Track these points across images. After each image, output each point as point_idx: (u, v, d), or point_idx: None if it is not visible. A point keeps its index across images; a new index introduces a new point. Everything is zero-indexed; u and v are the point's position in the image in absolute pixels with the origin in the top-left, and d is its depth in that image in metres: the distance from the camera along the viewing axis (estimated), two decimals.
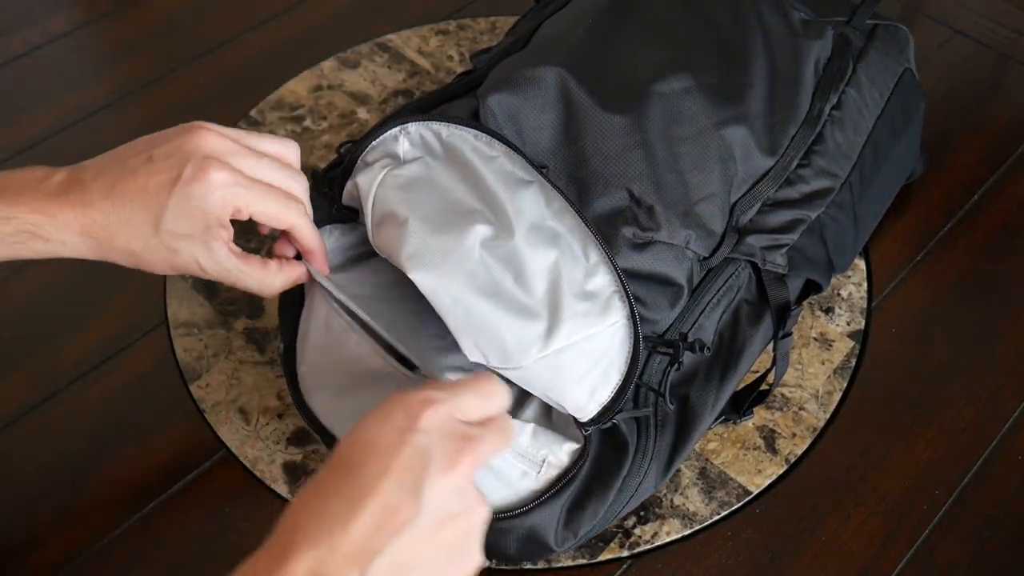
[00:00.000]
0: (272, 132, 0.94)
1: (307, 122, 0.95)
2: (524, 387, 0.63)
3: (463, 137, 0.66)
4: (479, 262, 0.61)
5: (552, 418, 0.66)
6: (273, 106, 0.96)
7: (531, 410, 0.67)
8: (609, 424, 0.64)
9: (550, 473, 0.64)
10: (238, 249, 0.62)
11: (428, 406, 0.50)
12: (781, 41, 0.77)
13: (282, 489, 0.73)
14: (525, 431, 0.63)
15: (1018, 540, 0.72)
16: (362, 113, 0.96)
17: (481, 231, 0.62)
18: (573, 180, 0.68)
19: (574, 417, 0.63)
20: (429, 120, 0.66)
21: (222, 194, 0.59)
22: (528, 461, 0.63)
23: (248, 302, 0.82)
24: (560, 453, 0.64)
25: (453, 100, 0.74)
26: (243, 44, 1.02)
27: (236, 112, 0.96)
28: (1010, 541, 0.72)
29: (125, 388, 0.78)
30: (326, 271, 0.66)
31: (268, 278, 0.64)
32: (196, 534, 0.71)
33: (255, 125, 0.95)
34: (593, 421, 0.63)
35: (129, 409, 0.77)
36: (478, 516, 0.50)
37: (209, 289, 0.83)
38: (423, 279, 0.61)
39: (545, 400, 0.63)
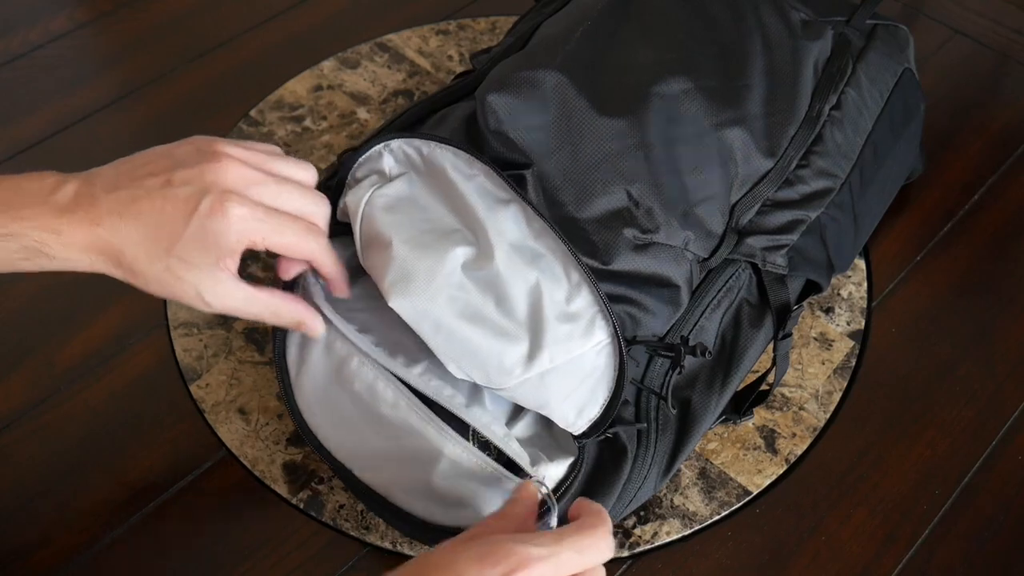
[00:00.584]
0: (272, 132, 0.94)
1: (307, 122, 0.95)
2: (515, 402, 0.63)
3: (443, 155, 0.66)
4: (459, 287, 0.61)
5: (552, 428, 0.66)
6: (273, 106, 0.96)
7: (528, 419, 0.67)
8: (603, 436, 0.64)
9: (548, 486, 0.64)
10: (244, 283, 0.60)
11: (527, 566, 0.50)
12: (780, 42, 0.77)
13: (282, 489, 0.73)
14: (522, 459, 0.63)
15: (1018, 540, 0.72)
16: (362, 113, 0.96)
17: (461, 254, 0.62)
18: (571, 181, 0.67)
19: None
20: (411, 137, 0.67)
21: (239, 228, 0.58)
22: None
23: None
24: (557, 468, 0.64)
25: (453, 103, 0.74)
26: (243, 44, 1.02)
27: (236, 112, 0.96)
28: (1010, 541, 0.72)
29: (125, 388, 0.78)
30: (347, 294, 0.66)
31: (279, 307, 0.62)
32: (196, 534, 0.71)
33: (255, 125, 0.95)
34: (585, 435, 0.63)
35: (129, 409, 0.77)
36: None
37: None
38: (403, 307, 0.61)
39: (536, 413, 0.63)
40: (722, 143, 0.71)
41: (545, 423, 0.66)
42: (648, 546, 0.71)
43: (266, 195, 0.59)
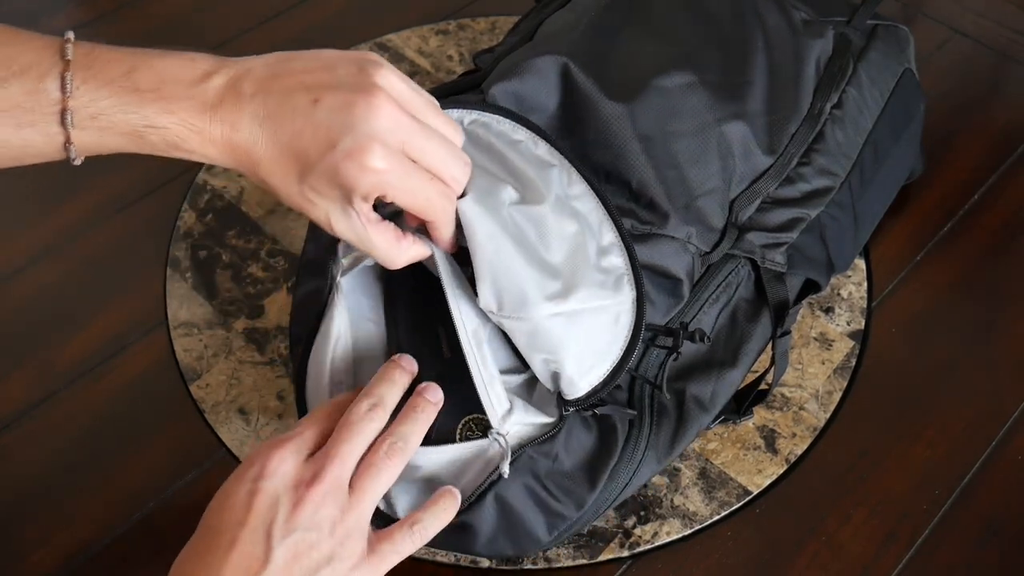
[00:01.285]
0: None
1: None
2: (524, 348, 0.62)
3: (485, 124, 0.65)
4: (508, 217, 0.61)
5: (533, 399, 0.66)
6: None
7: (513, 384, 0.66)
8: (591, 412, 0.64)
9: (510, 442, 0.63)
10: (375, 216, 0.58)
11: (275, 448, 0.57)
12: (782, 40, 0.77)
13: None
14: (499, 405, 0.62)
15: (1018, 540, 0.72)
16: None
17: (511, 193, 0.62)
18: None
19: (559, 395, 0.62)
20: (448, 108, 0.65)
21: (372, 181, 0.55)
22: (490, 438, 0.62)
23: (248, 303, 0.82)
24: (530, 422, 0.63)
25: (458, 95, 0.74)
26: (243, 44, 1.02)
27: None
28: (1010, 541, 0.72)
29: (125, 388, 0.78)
30: (452, 250, 0.63)
31: (397, 253, 0.60)
32: None
33: None
34: (578, 402, 0.62)
35: (129, 409, 0.77)
36: (344, 544, 0.56)
37: (209, 289, 0.83)
38: (467, 206, 0.60)
39: (541, 365, 0.62)
40: (722, 138, 0.71)
41: (529, 391, 0.66)
42: (648, 546, 0.71)
43: (411, 147, 0.56)
